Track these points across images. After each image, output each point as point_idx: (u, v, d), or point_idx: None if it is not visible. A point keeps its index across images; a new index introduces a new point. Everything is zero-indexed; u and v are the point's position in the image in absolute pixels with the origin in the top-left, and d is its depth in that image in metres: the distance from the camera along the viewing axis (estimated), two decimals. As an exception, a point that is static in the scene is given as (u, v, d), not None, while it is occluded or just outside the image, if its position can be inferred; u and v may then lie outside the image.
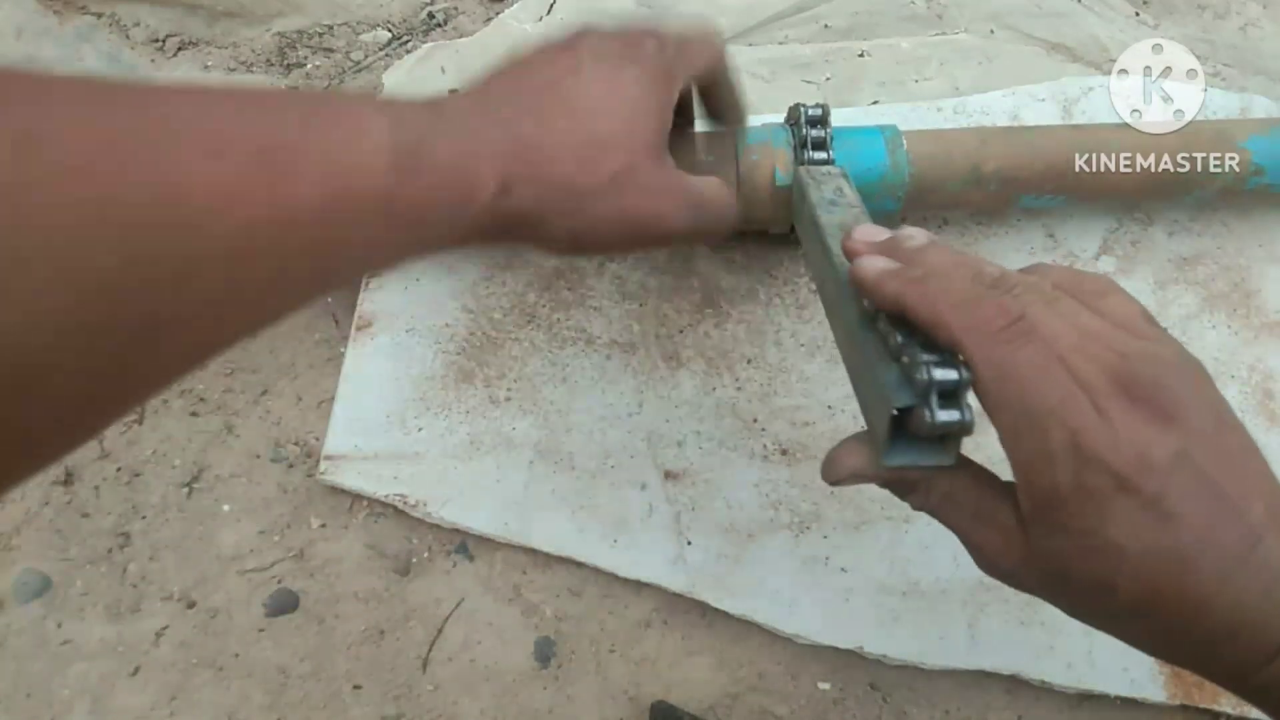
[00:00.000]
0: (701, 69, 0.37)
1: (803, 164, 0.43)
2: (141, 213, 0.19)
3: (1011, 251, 0.53)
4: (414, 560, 0.46)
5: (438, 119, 0.28)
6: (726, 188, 0.39)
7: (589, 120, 0.32)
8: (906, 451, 0.28)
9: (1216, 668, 0.25)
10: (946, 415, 0.25)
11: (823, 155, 0.44)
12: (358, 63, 0.61)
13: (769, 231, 0.48)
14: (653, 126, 0.34)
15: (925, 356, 0.25)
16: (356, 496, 0.47)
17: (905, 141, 0.46)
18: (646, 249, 0.34)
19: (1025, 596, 0.44)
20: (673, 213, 0.35)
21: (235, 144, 0.21)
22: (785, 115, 0.48)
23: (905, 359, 0.26)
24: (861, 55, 0.60)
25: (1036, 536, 0.26)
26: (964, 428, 0.25)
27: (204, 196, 0.20)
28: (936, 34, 0.60)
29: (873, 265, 0.29)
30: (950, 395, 0.25)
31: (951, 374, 0.25)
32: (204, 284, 0.21)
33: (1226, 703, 0.43)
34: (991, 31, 0.61)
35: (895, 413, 0.26)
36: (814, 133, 0.44)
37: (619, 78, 0.33)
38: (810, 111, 0.45)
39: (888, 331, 0.28)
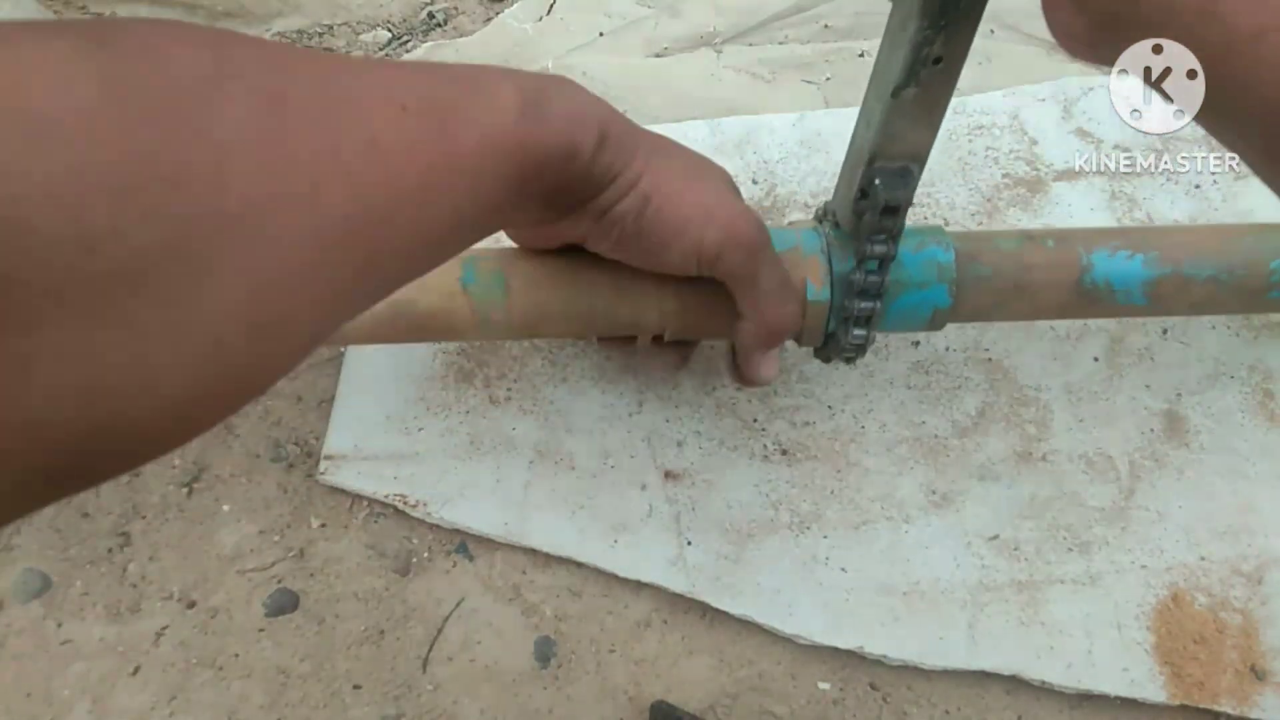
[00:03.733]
0: None
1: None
2: (358, 160, 0.23)
3: (1011, 252, 0.53)
4: (414, 560, 0.46)
5: (550, 83, 0.32)
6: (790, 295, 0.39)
7: (678, 147, 0.37)
8: None
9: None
10: None
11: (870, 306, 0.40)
12: (358, 62, 0.61)
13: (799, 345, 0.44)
14: (734, 189, 0.38)
15: None
16: (356, 496, 0.47)
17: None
18: (707, 261, 0.36)
19: (1025, 597, 0.45)
20: (747, 222, 0.36)
21: (412, 105, 0.25)
22: (815, 211, 0.43)
23: None
24: (862, 55, 0.60)
25: None
26: None
27: (397, 146, 0.24)
28: (937, 34, 0.60)
29: None
30: None
31: None
32: (404, 221, 0.24)
33: (1226, 703, 0.43)
34: (991, 31, 0.61)
35: None
36: (862, 304, 0.40)
37: (707, 160, 0.38)
38: (869, 278, 0.39)
39: None
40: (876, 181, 0.36)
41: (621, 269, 0.38)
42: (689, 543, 0.46)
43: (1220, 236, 0.43)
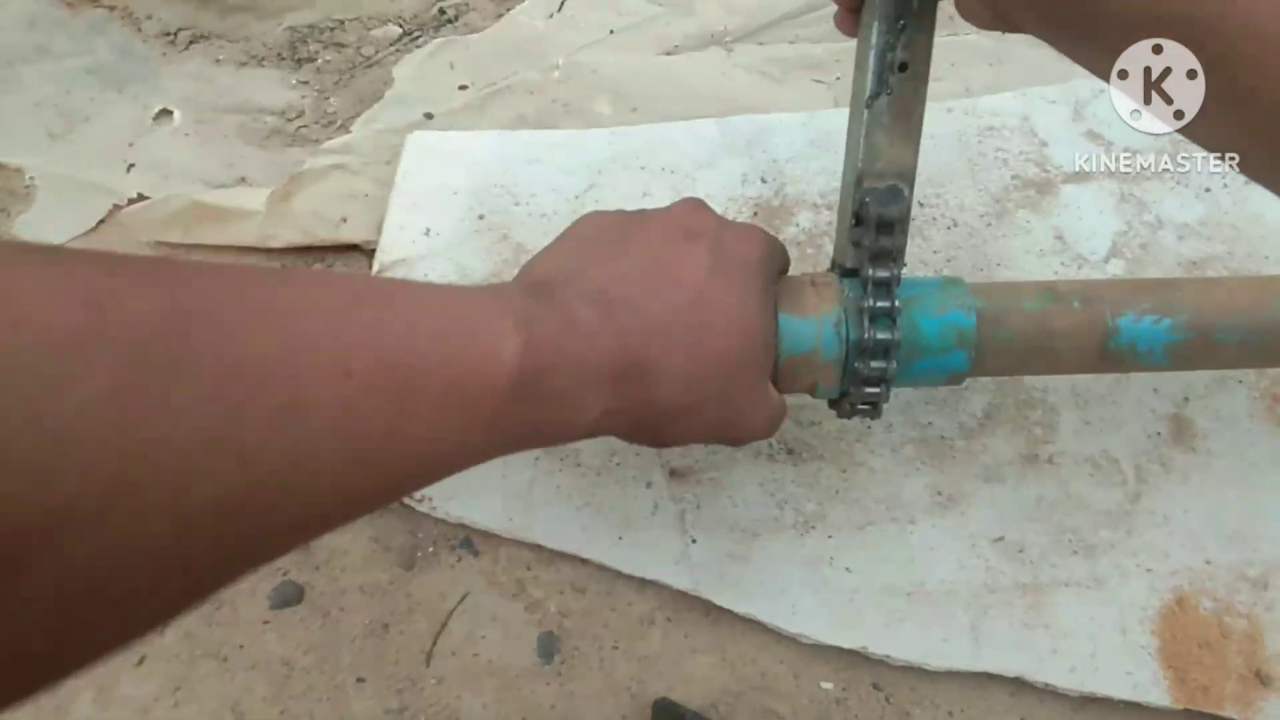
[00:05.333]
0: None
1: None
2: (262, 434, 0.19)
3: (1021, 253, 0.53)
4: (419, 555, 0.47)
5: (562, 343, 0.28)
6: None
7: (707, 342, 0.32)
8: None
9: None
10: None
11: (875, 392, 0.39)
12: (369, 58, 0.61)
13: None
14: (759, 344, 0.34)
15: None
16: (362, 490, 0.47)
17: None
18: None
19: (1030, 599, 0.44)
20: (755, 427, 0.35)
21: (361, 362, 0.22)
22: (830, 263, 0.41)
23: None
24: (872, 55, 0.60)
25: None
26: None
27: (326, 416, 0.21)
28: (948, 34, 0.60)
29: None
30: None
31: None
32: (312, 496, 0.21)
33: (1231, 708, 0.43)
34: (1002, 33, 0.61)
35: None
36: (868, 390, 0.39)
37: (740, 287, 0.33)
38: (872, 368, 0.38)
39: None
40: (867, 200, 0.36)
41: None
42: (693, 541, 0.46)
43: (1251, 293, 0.41)
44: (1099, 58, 0.29)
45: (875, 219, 0.36)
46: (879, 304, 0.37)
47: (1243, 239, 0.53)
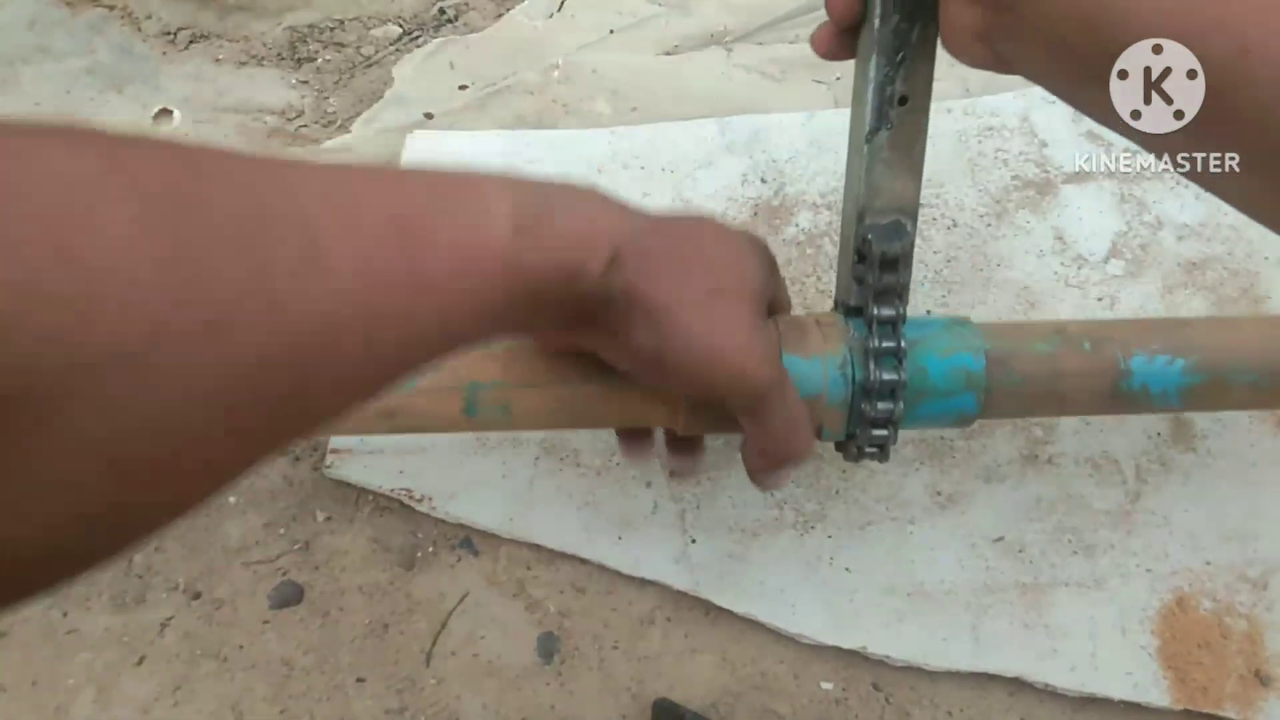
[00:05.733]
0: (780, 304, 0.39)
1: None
2: (287, 284, 0.20)
3: (1021, 253, 0.53)
4: (418, 554, 0.47)
5: (558, 194, 0.29)
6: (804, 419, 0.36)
7: (707, 248, 0.33)
8: None
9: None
10: None
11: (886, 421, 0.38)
12: (368, 57, 0.61)
13: None
14: (761, 290, 0.34)
15: None
16: (362, 490, 0.47)
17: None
18: (716, 397, 0.34)
19: (1030, 599, 0.44)
20: (758, 365, 0.33)
21: (370, 216, 0.22)
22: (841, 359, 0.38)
23: None
24: (872, 55, 0.60)
25: None
26: None
27: (345, 265, 0.21)
28: (947, 35, 0.60)
29: None
30: None
31: None
32: (346, 349, 0.21)
33: (1230, 708, 0.43)
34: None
35: None
36: (875, 433, 0.38)
37: (742, 249, 0.34)
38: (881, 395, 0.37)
39: None
40: (869, 237, 0.36)
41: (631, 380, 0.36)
42: (693, 540, 0.46)
43: (1262, 333, 0.41)
44: (1105, 109, 0.29)
45: (879, 256, 0.35)
46: (885, 344, 0.36)
47: (1242, 239, 0.53)
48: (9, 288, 0.15)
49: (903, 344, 0.36)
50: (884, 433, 0.38)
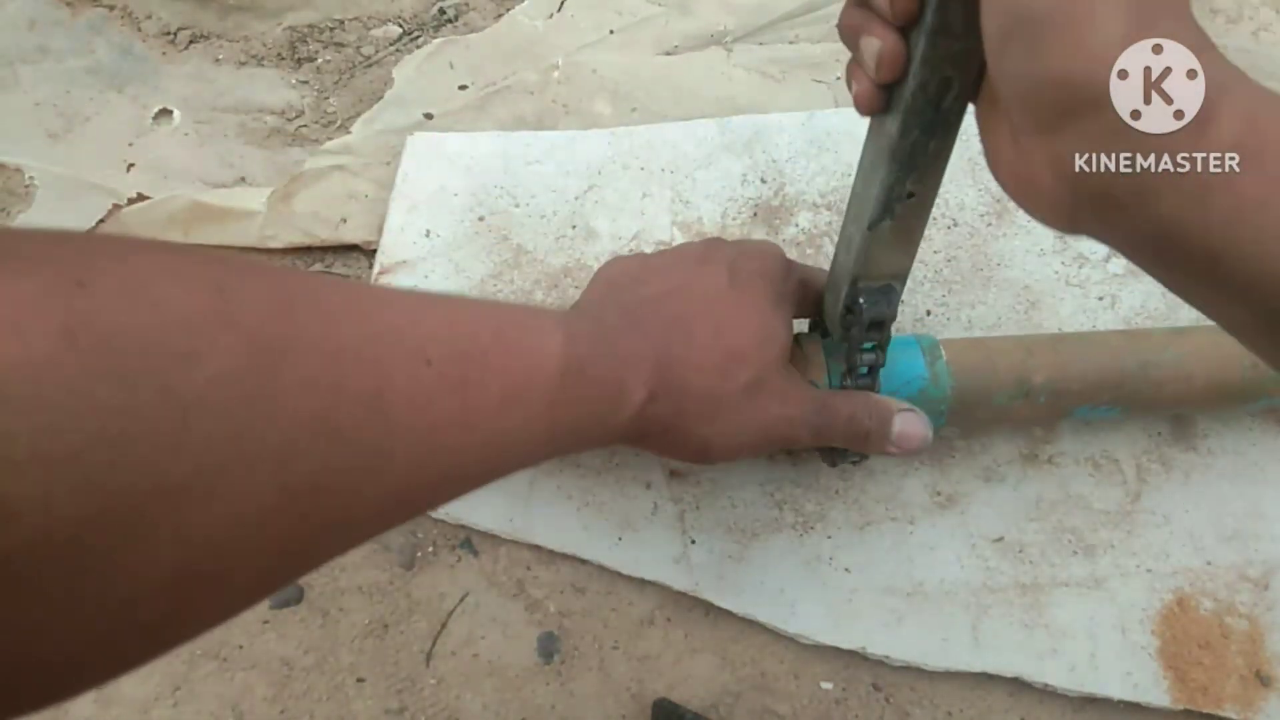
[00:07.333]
0: (809, 309, 0.42)
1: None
2: (353, 416, 0.21)
3: (1021, 253, 0.53)
4: (418, 555, 0.47)
5: (600, 331, 0.32)
6: (860, 401, 0.39)
7: (728, 336, 0.35)
8: None
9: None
10: None
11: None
12: (368, 57, 0.61)
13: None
14: (780, 341, 0.37)
15: None
16: (362, 490, 0.47)
17: (945, 352, 0.43)
18: (772, 451, 0.38)
19: (1029, 599, 0.44)
20: (798, 416, 0.37)
21: (437, 355, 0.23)
22: (809, 323, 0.44)
23: None
24: (872, 55, 0.60)
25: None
26: None
27: (405, 401, 0.22)
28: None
29: None
30: None
31: None
32: (395, 478, 0.23)
33: (1231, 709, 0.43)
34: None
35: None
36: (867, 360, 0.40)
37: (756, 296, 0.37)
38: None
39: None
40: (860, 300, 0.38)
41: None
42: (693, 541, 0.46)
43: (1209, 375, 0.44)
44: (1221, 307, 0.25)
45: (867, 320, 0.37)
46: (864, 357, 0.39)
47: (1243, 239, 0.53)
48: (117, 414, 0.16)
49: (877, 387, 0.40)
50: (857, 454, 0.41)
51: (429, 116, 0.58)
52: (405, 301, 0.25)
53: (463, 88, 0.59)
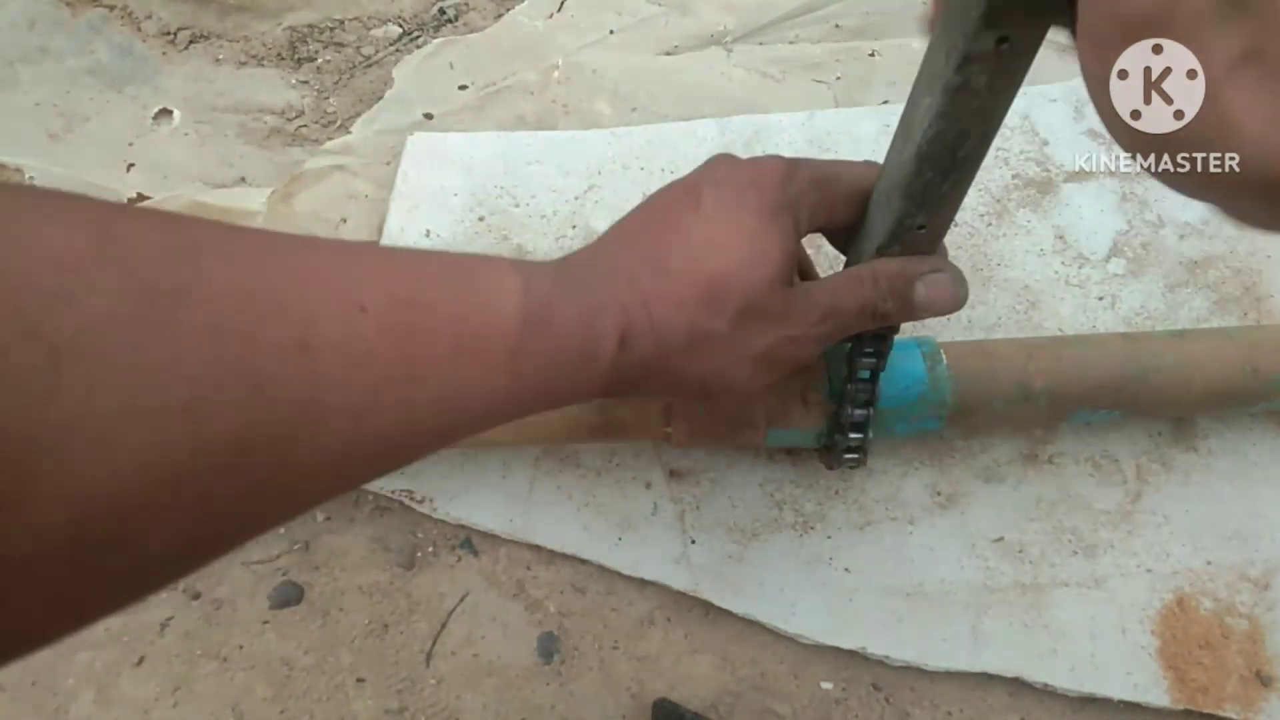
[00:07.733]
0: (840, 216, 0.35)
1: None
2: (272, 368, 0.19)
3: (1022, 252, 0.53)
4: (419, 555, 0.47)
5: (563, 277, 0.28)
6: (878, 271, 0.34)
7: (707, 259, 0.31)
8: None
9: None
10: None
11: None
12: (368, 57, 0.61)
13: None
14: (773, 258, 0.31)
15: None
16: (363, 491, 0.47)
17: (945, 356, 0.43)
18: (789, 373, 0.34)
19: (1029, 599, 0.44)
20: (801, 334, 0.32)
21: (375, 304, 0.22)
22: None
23: None
24: (872, 55, 0.60)
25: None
26: None
27: (336, 351, 0.21)
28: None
29: None
30: None
31: None
32: (331, 436, 0.21)
33: (1231, 709, 0.43)
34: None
35: None
36: (857, 411, 0.40)
37: (738, 208, 0.32)
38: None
39: None
40: (865, 347, 0.38)
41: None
42: (693, 541, 0.46)
43: (1209, 380, 0.44)
44: None
45: (870, 332, 0.37)
46: (860, 398, 0.40)
47: (1244, 238, 0.53)
48: None
49: (872, 412, 0.40)
50: (860, 435, 0.41)
51: (429, 116, 0.58)
52: (335, 247, 0.23)
53: (463, 88, 0.59)
